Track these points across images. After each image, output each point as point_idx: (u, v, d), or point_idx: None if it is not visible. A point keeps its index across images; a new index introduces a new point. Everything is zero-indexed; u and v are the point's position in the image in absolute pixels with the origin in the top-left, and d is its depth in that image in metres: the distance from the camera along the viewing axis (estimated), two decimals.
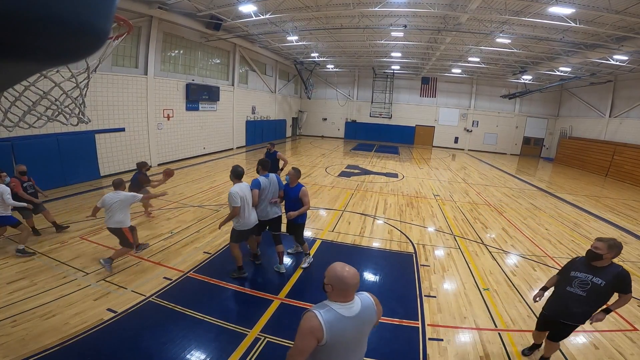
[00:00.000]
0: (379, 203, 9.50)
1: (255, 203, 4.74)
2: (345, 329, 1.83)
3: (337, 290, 1.86)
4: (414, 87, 26.76)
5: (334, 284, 1.86)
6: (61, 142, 9.14)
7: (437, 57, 18.36)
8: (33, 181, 6.15)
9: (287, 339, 3.71)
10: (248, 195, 4.66)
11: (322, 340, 1.78)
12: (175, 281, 4.77)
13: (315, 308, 1.86)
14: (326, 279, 1.91)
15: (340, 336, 1.82)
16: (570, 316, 3.13)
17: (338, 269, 1.88)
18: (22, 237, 5.27)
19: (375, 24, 12.99)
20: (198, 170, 12.68)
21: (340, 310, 1.84)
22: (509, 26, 11.81)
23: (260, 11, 12.06)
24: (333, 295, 1.88)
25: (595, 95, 20.30)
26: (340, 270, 1.87)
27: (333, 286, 1.86)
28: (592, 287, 2.99)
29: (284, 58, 22.95)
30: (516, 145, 25.88)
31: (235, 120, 18.42)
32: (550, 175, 17.73)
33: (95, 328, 3.67)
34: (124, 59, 11.33)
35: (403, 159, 19.65)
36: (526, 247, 6.92)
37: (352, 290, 1.88)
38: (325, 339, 1.77)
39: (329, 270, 1.90)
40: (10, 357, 3.17)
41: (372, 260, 5.91)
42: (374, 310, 1.96)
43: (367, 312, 1.92)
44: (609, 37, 11.66)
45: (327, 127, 28.98)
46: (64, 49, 0.37)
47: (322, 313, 1.81)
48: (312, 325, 1.78)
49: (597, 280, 2.98)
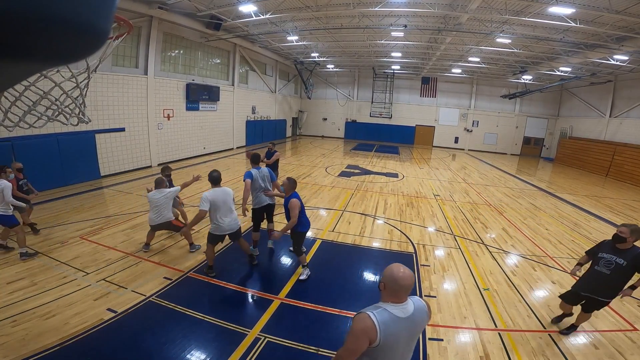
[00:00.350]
0: (379, 203, 9.50)
1: (247, 191, 5.24)
2: (399, 330, 1.84)
3: (391, 291, 1.88)
4: (414, 87, 26.76)
5: (387, 283, 1.88)
6: (61, 142, 9.14)
7: (437, 57, 18.36)
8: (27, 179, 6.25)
9: (287, 339, 3.71)
10: (223, 200, 4.63)
11: (376, 342, 1.78)
12: (175, 281, 4.77)
13: (367, 309, 1.87)
14: (382, 278, 1.93)
15: (394, 337, 1.83)
16: (598, 292, 3.66)
17: (394, 269, 1.89)
18: (20, 239, 5.11)
19: (376, 24, 12.99)
20: (198, 170, 12.66)
21: (394, 311, 1.85)
22: (509, 26, 11.81)
23: (260, 11, 12.06)
24: (386, 295, 1.90)
25: (595, 95, 20.30)
26: (396, 271, 1.88)
27: (386, 285, 1.88)
28: (615, 266, 3.48)
29: (284, 58, 22.95)
30: (516, 145, 25.88)
31: (235, 120, 18.43)
32: (551, 175, 17.72)
33: (95, 328, 3.67)
34: (124, 59, 11.33)
35: (403, 158, 19.65)
36: (526, 247, 6.92)
37: (406, 292, 1.90)
38: (378, 340, 1.78)
39: (386, 270, 1.92)
40: (10, 357, 3.17)
41: (372, 260, 5.90)
42: (426, 313, 1.98)
43: (420, 314, 1.93)
44: (609, 37, 11.65)
45: (327, 127, 28.99)
46: (64, 49, 0.37)
47: (376, 314, 1.82)
48: (366, 326, 1.78)
49: (619, 260, 3.47)
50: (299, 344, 3.62)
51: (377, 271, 5.51)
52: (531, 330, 4.09)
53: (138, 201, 8.38)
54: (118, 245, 5.77)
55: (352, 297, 4.66)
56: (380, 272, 5.44)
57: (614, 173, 17.11)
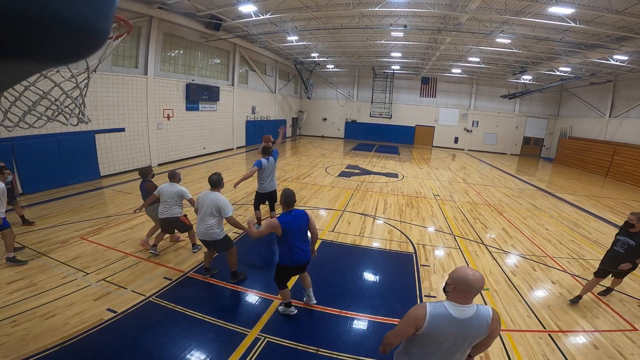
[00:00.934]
0: (379, 203, 9.50)
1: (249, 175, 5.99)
2: (447, 328, 1.89)
3: (459, 291, 1.91)
4: (414, 87, 26.76)
5: (457, 284, 1.91)
6: (61, 142, 9.14)
7: (437, 57, 18.36)
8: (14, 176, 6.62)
9: (287, 339, 3.71)
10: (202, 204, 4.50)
11: (420, 330, 1.90)
12: (175, 281, 4.77)
13: (430, 302, 2.00)
14: (449, 280, 1.97)
15: (439, 332, 1.90)
16: (614, 266, 4.48)
17: (467, 272, 1.92)
18: (8, 243, 4.88)
19: (375, 24, 12.99)
20: (198, 171, 12.67)
21: (450, 309, 1.91)
22: (509, 26, 11.81)
23: (260, 11, 12.06)
24: (453, 295, 1.95)
25: (595, 95, 20.30)
26: (469, 273, 1.91)
27: (456, 287, 1.92)
28: (628, 246, 4.34)
29: (284, 58, 22.94)
30: (516, 145, 25.87)
31: (235, 120, 18.43)
32: (550, 175, 17.73)
33: (95, 328, 3.67)
34: (124, 59, 11.33)
35: (403, 159, 19.65)
36: (526, 247, 6.92)
37: (473, 294, 1.92)
38: (423, 329, 1.89)
39: (455, 272, 1.96)
40: (10, 357, 3.17)
41: (372, 261, 5.90)
42: (487, 325, 1.93)
43: (478, 322, 1.91)
44: (609, 37, 11.66)
45: (327, 127, 28.98)
46: (64, 49, 0.37)
47: (432, 306, 1.93)
48: (417, 314, 1.92)
49: (631, 241, 4.31)
50: (299, 344, 3.62)
51: (378, 271, 5.51)
52: (531, 330, 4.09)
53: (138, 201, 8.35)
54: (118, 246, 5.77)
55: (352, 297, 4.66)
56: (380, 272, 5.46)
57: (613, 173, 17.11)
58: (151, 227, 5.75)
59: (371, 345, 3.68)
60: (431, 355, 1.99)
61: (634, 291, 5.24)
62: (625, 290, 5.23)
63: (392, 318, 4.17)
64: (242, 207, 8.38)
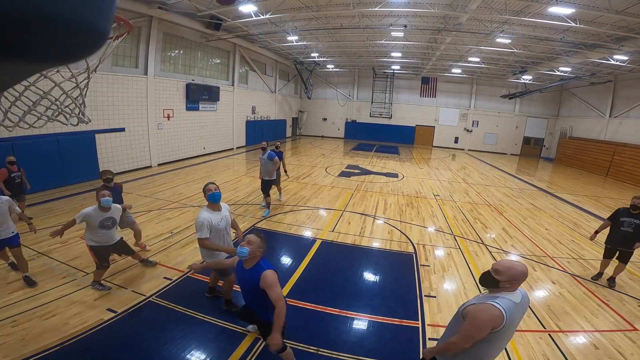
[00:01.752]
0: (379, 203, 9.50)
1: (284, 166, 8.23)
2: (516, 314, 2.07)
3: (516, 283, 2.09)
4: (414, 87, 26.75)
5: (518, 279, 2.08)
6: (61, 142, 9.14)
7: (437, 57, 18.36)
8: (23, 172, 6.54)
9: (286, 339, 3.70)
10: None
11: (498, 327, 1.98)
12: (175, 281, 4.77)
13: (485, 300, 2.07)
14: (505, 277, 2.07)
15: (512, 320, 2.04)
16: (627, 245, 5.07)
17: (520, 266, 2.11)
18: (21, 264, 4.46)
19: (375, 24, 12.99)
20: (198, 171, 12.68)
21: (511, 297, 2.07)
22: (509, 26, 11.81)
23: (260, 11, 12.06)
24: (509, 288, 2.10)
25: (595, 95, 20.30)
26: (522, 269, 2.10)
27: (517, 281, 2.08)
28: (635, 226, 4.97)
29: (284, 58, 22.94)
30: (516, 145, 25.88)
31: (235, 120, 18.42)
32: (550, 175, 17.73)
33: (95, 328, 3.67)
34: (124, 59, 11.33)
35: (403, 159, 19.64)
36: (526, 247, 6.92)
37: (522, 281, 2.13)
38: (502, 325, 1.98)
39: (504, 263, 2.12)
40: (10, 357, 3.17)
41: (372, 260, 5.90)
42: (528, 300, 2.22)
43: (525, 300, 2.16)
44: (609, 37, 11.65)
45: (327, 127, 28.98)
46: (64, 49, 0.37)
47: (500, 302, 2.02)
48: (492, 315, 1.98)
49: (637, 221, 4.97)
50: (299, 344, 3.62)
51: (378, 271, 5.51)
52: (531, 330, 4.09)
53: (137, 201, 8.38)
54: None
55: (352, 297, 4.66)
56: (380, 272, 5.46)
57: (613, 173, 17.11)
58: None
59: (371, 345, 3.68)
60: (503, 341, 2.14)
61: (634, 291, 5.24)
62: (625, 290, 5.23)
63: (392, 318, 4.17)
64: (242, 207, 8.38)
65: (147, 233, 6.41)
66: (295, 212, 8.16)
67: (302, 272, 5.26)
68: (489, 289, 2.19)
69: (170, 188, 9.88)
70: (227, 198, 9.06)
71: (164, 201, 8.50)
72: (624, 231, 5.05)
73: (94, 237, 4.26)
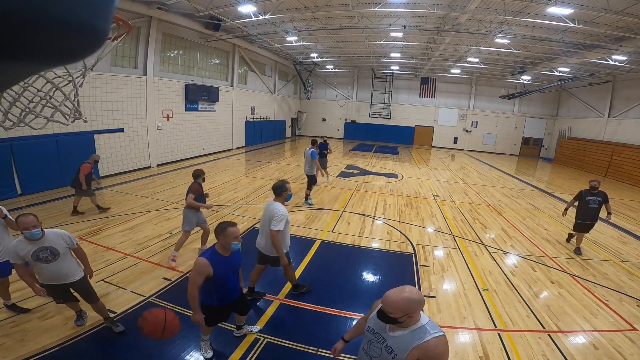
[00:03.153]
0: (379, 203, 9.50)
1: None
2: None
3: (412, 316, 2.05)
4: (413, 87, 26.78)
5: (412, 310, 2.04)
6: (60, 143, 9.12)
7: (437, 57, 18.38)
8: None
9: (286, 339, 3.71)
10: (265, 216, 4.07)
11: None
12: (175, 282, 4.76)
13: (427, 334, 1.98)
14: (398, 314, 1.96)
15: None
16: (595, 219, 6.51)
17: (405, 294, 2.06)
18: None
19: (375, 24, 13.00)
20: None
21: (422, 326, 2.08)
22: (507, 26, 11.83)
23: (260, 11, 12.06)
24: (408, 322, 2.05)
25: (594, 95, 20.34)
26: (408, 295, 2.04)
27: (410, 314, 2.02)
28: (598, 202, 6.40)
29: (284, 58, 22.94)
30: (515, 146, 25.91)
31: (234, 120, 18.41)
32: (549, 175, 17.75)
33: (95, 328, 3.67)
34: (123, 60, 11.32)
35: (402, 159, 19.65)
36: (525, 247, 6.93)
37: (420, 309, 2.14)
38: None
39: (395, 303, 2.00)
40: (9, 357, 3.16)
41: (371, 261, 5.90)
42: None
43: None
44: (608, 37, 11.68)
45: (326, 127, 28.96)
46: (63, 49, 0.37)
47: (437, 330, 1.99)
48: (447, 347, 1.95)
49: (598, 199, 6.41)
50: (298, 345, 3.62)
51: (377, 272, 5.51)
52: (531, 330, 4.10)
53: (137, 202, 8.37)
54: (117, 246, 5.76)
55: (352, 297, 4.66)
56: (379, 273, 5.46)
57: (612, 173, 17.14)
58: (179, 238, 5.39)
59: None
60: None
61: (634, 291, 5.25)
62: (625, 291, 5.24)
63: None
64: (241, 208, 8.37)
65: (146, 233, 6.41)
66: (294, 212, 8.16)
67: (301, 272, 5.26)
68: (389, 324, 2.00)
69: (170, 189, 9.87)
70: (227, 198, 9.06)
71: (163, 202, 8.50)
72: (592, 207, 6.41)
73: (36, 273, 3.29)
